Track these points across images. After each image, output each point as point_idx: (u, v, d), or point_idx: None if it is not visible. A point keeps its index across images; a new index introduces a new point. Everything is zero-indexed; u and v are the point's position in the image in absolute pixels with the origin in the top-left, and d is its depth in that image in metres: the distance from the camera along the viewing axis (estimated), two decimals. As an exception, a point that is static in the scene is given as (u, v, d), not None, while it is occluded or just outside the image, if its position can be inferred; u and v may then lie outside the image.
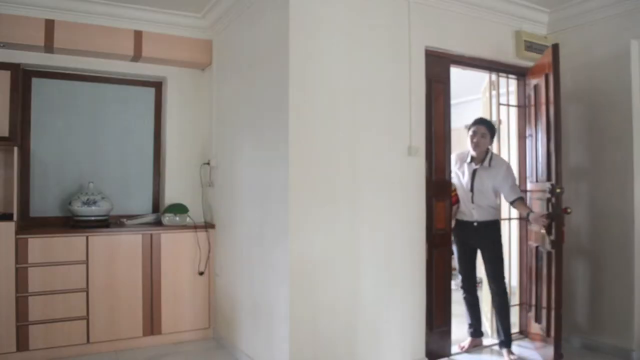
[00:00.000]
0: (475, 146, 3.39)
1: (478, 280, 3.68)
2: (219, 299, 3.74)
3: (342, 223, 2.87)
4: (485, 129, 3.38)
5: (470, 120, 3.51)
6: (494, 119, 3.86)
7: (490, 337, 3.75)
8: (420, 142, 3.19)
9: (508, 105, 3.86)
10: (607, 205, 3.49)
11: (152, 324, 3.60)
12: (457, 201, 3.53)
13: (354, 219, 2.92)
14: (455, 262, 3.64)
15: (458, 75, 3.79)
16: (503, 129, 3.95)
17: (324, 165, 2.82)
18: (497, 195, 3.44)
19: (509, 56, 3.66)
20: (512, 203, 3.41)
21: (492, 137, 3.44)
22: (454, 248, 3.57)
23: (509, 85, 3.87)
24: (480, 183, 3.39)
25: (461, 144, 5.68)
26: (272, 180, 2.92)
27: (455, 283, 3.61)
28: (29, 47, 3.43)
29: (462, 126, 5.90)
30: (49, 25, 3.39)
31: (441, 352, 3.33)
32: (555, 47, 3.11)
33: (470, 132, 3.42)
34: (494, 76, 3.82)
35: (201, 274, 3.78)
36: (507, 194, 3.39)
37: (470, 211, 3.44)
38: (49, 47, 3.44)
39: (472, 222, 3.44)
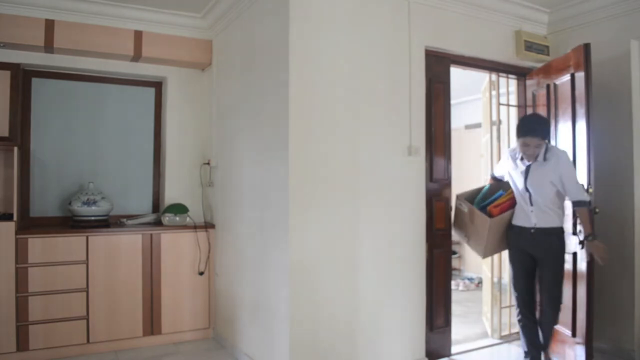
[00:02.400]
0: (531, 157, 2.84)
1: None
2: (219, 299, 3.74)
3: (342, 223, 2.87)
4: (539, 140, 2.77)
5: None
6: (494, 118, 3.86)
7: (490, 337, 3.76)
8: (420, 142, 3.19)
9: (508, 105, 3.86)
10: (607, 205, 3.47)
11: (152, 324, 3.60)
12: (513, 205, 3.01)
13: (354, 218, 2.91)
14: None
15: (458, 75, 3.79)
16: (503, 129, 3.94)
17: (323, 166, 2.82)
18: (559, 195, 2.85)
19: (509, 56, 3.66)
20: (575, 205, 2.79)
21: (549, 139, 2.94)
22: (509, 258, 3.07)
23: (509, 85, 3.87)
24: (534, 179, 2.84)
25: (461, 143, 5.72)
26: (272, 180, 2.92)
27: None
28: (29, 47, 3.43)
29: (462, 126, 5.91)
30: (49, 25, 3.39)
31: (441, 352, 3.33)
32: (587, 47, 3.08)
33: (521, 144, 2.82)
34: (494, 76, 3.82)
35: (201, 274, 3.78)
36: (571, 190, 2.77)
37: (528, 215, 2.89)
38: (49, 47, 3.44)
39: (529, 229, 2.89)
